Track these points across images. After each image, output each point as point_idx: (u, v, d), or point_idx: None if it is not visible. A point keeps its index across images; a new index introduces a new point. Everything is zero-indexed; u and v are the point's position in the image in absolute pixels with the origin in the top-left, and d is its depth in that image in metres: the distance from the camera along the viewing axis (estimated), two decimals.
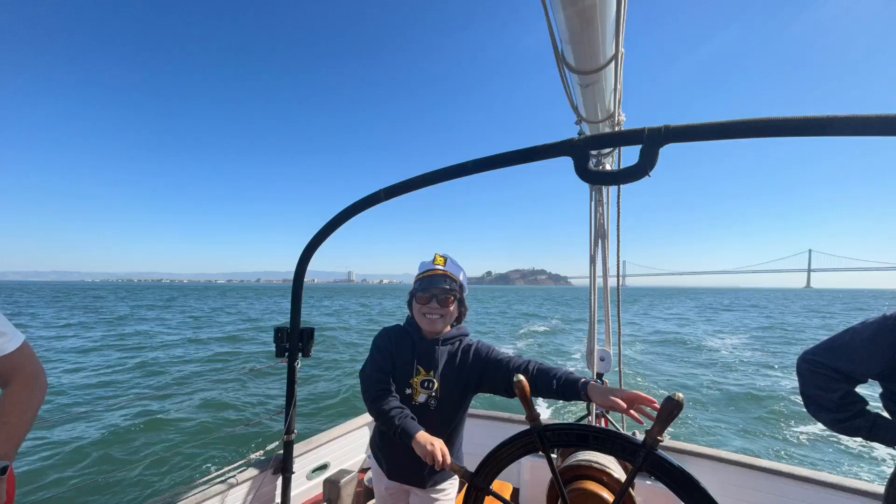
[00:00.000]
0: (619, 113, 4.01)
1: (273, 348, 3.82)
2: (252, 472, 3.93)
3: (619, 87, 3.72)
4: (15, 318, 42.25)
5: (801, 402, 2.66)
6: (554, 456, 3.76)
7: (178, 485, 8.86)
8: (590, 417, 4.77)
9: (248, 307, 73.26)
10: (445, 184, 2.97)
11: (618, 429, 4.54)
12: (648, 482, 3.95)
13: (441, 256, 3.11)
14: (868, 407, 2.58)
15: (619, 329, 5.14)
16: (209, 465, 9.54)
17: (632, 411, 2.24)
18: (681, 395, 1.81)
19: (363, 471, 5.37)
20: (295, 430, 3.91)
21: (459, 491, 4.03)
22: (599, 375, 5.23)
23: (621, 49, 3.30)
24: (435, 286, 3.01)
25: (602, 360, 5.24)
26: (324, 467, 4.97)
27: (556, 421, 2.67)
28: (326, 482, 4.70)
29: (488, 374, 2.96)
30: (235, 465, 4.02)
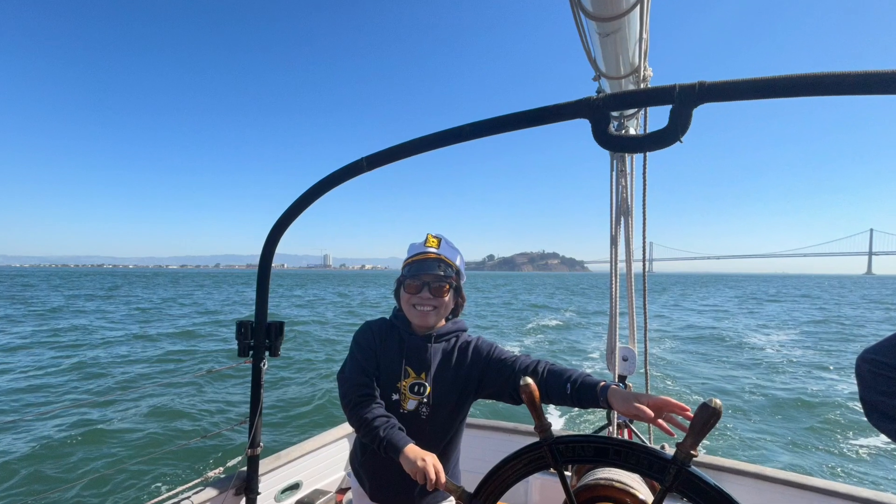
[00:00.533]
0: (644, 67, 3.99)
1: (235, 346, 3.82)
2: (210, 492, 3.94)
3: (645, 36, 3.70)
4: None
5: (861, 410, 2.68)
6: (568, 474, 3.78)
7: None
8: (610, 428, 4.79)
9: (206, 297, 73.29)
10: (440, 153, 2.96)
11: (643, 441, 4.56)
12: None
13: (434, 237, 3.09)
14: None
15: (646, 323, 5.14)
16: (159, 484, 9.58)
17: (660, 421, 2.22)
18: (718, 401, 1.80)
19: (341, 491, 5.39)
20: (261, 444, 3.92)
21: None
22: (622, 378, 5.26)
23: None
24: (427, 272, 3.00)
25: (625, 360, 5.26)
26: (295, 487, 4.98)
27: (571, 432, 2.67)
28: None
29: (490, 376, 2.96)
30: (190, 484, 4.02)
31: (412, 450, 2.64)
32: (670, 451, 1.96)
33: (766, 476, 4.20)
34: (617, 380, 5.17)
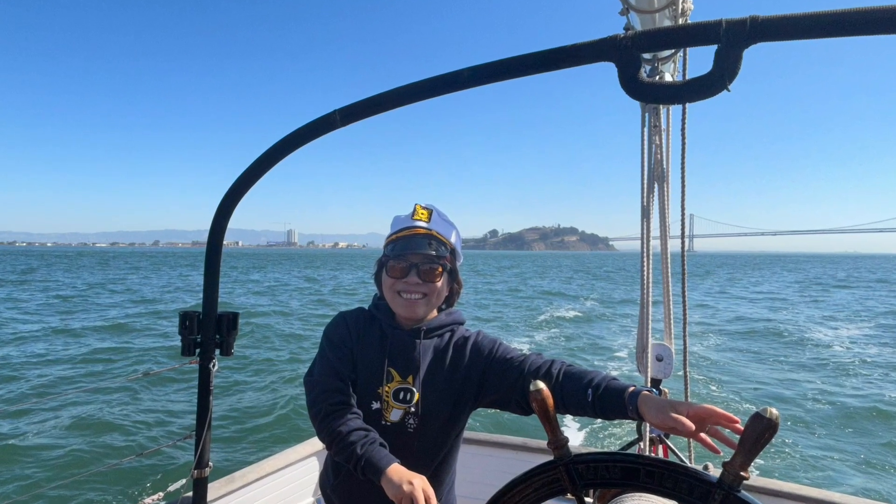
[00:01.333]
0: None
1: (178, 342, 3.81)
2: None
3: None
4: None
5: None
6: (589, 500, 3.80)
7: None
8: (641, 444, 4.82)
9: (142, 282, 73.26)
10: (431, 104, 2.94)
11: (682, 460, 4.59)
12: None
13: (424, 208, 3.08)
14: None
15: (685, 315, 5.15)
16: None
17: (703, 435, 2.21)
18: (774, 410, 1.80)
19: None
20: (210, 463, 3.93)
21: None
22: (656, 382, 5.28)
23: None
24: (414, 251, 2.98)
25: (659, 359, 5.28)
26: None
27: (593, 448, 2.69)
28: None
29: (493, 379, 2.96)
30: None
31: (397, 471, 2.64)
32: (716, 472, 1.97)
33: (834, 503, 4.23)
34: (650, 384, 5.19)
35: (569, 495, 2.14)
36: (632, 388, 2.50)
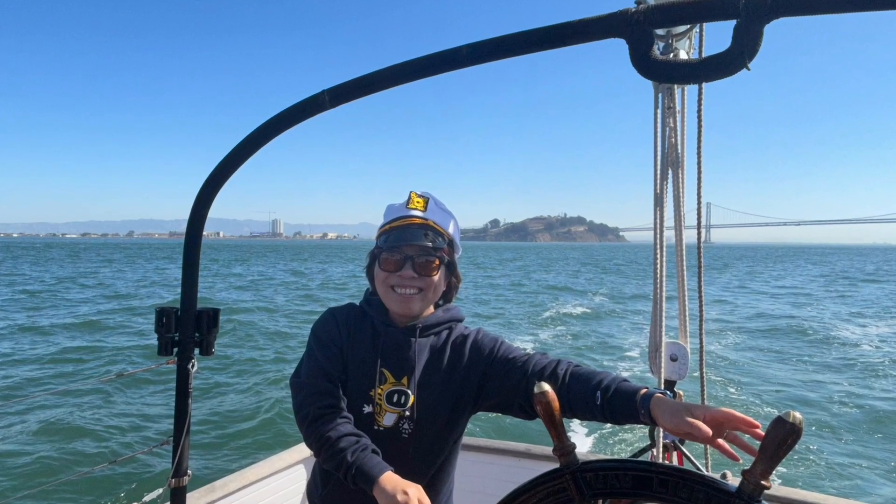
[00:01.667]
0: None
1: (154, 341, 3.81)
2: None
3: None
4: None
5: None
6: None
7: None
8: (654, 450, 4.82)
9: (116, 276, 73.25)
10: (427, 85, 2.94)
11: (698, 468, 4.60)
12: None
13: (420, 196, 3.08)
14: None
15: (702, 311, 5.15)
16: None
17: (720, 441, 2.21)
18: (798, 414, 1.80)
19: None
20: (189, 471, 3.93)
21: None
22: (670, 384, 5.27)
23: None
24: (410, 242, 2.98)
25: (674, 359, 5.28)
26: None
27: (602, 456, 2.70)
28: None
29: (494, 381, 2.96)
30: None
31: (390, 479, 2.64)
32: (734, 480, 1.98)
33: None
34: (663, 386, 5.19)
35: None
36: (644, 391, 2.49)
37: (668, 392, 2.54)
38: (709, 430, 2.12)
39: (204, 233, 3.61)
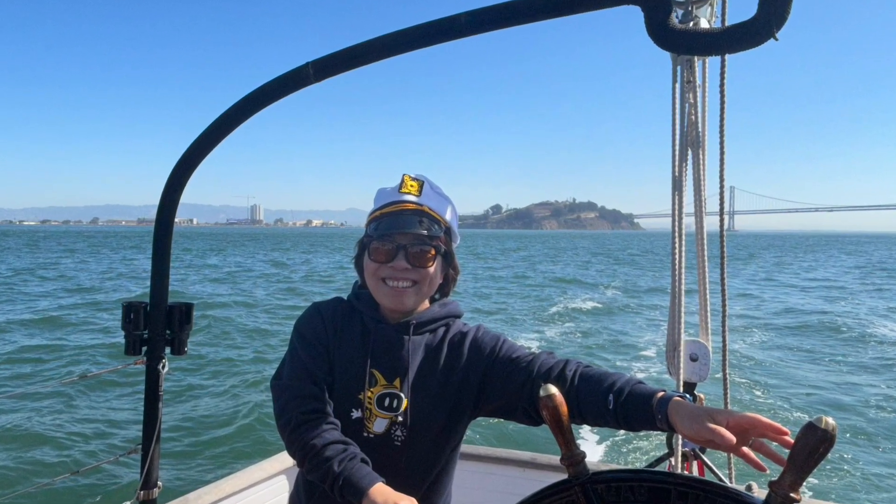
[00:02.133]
0: None
1: (121, 339, 3.81)
2: None
3: None
4: None
5: None
6: None
7: None
8: (672, 459, 4.83)
9: (79, 267, 73.20)
10: (421, 57, 2.93)
11: (721, 479, 4.61)
12: None
13: (413, 179, 3.06)
14: None
15: (724, 306, 5.14)
16: None
17: (745, 449, 2.19)
18: (831, 420, 1.80)
19: None
20: (160, 482, 3.94)
21: None
22: (689, 387, 5.28)
23: None
24: (402, 230, 2.96)
25: (694, 359, 5.28)
26: None
27: (615, 465, 2.70)
28: None
29: (496, 383, 2.96)
30: None
31: (381, 492, 2.63)
32: (761, 493, 1.98)
33: None
34: (682, 389, 5.19)
35: None
36: (661, 394, 2.48)
37: (688, 395, 2.53)
38: (732, 438, 2.10)
39: (176, 220, 3.60)
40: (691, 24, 4.62)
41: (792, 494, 1.82)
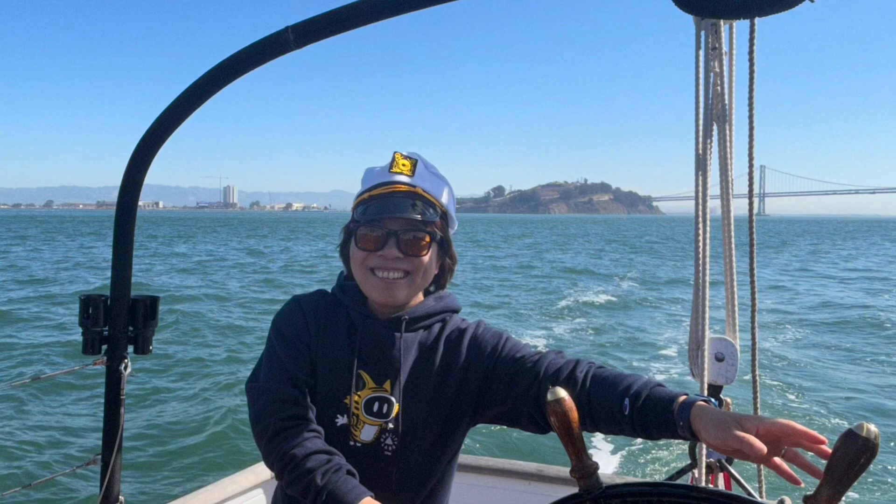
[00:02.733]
0: None
1: (78, 336, 3.82)
2: None
3: None
4: None
5: None
6: None
7: None
8: (696, 471, 4.83)
9: (31, 256, 73.15)
10: (417, 21, 2.93)
11: (750, 493, 4.62)
12: None
13: (406, 157, 3.05)
14: None
15: (754, 300, 5.13)
16: None
17: (777, 459, 2.19)
18: (873, 427, 1.80)
19: None
20: (121, 497, 3.94)
21: None
22: (715, 390, 5.28)
23: None
24: (393, 214, 2.94)
25: (720, 359, 5.28)
26: None
27: (630, 478, 2.71)
28: None
29: (498, 386, 2.95)
30: None
31: None
32: None
33: None
34: (707, 392, 5.19)
35: None
36: (683, 398, 2.46)
37: (713, 399, 2.52)
38: (763, 447, 2.09)
39: (140, 203, 3.60)
40: None
41: None
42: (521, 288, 48.02)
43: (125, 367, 3.76)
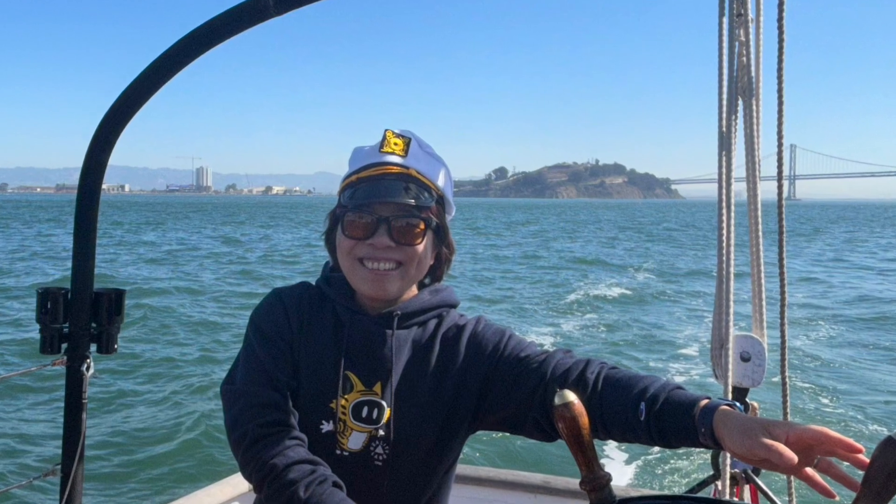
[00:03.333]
0: None
1: (35, 334, 3.81)
2: None
3: None
4: None
5: None
6: None
7: None
8: (719, 483, 4.84)
9: None
10: None
11: None
12: None
13: (399, 136, 3.02)
14: None
15: (784, 293, 5.12)
16: None
17: (809, 470, 2.18)
18: None
19: None
20: None
21: None
22: (740, 393, 5.28)
23: None
24: (384, 199, 2.91)
25: (746, 359, 5.28)
26: None
27: (647, 491, 2.72)
28: None
29: (500, 388, 2.94)
30: None
31: None
32: None
33: None
34: (731, 396, 5.20)
35: None
36: (705, 402, 2.44)
37: (738, 403, 2.51)
38: (793, 456, 2.07)
39: (104, 186, 3.59)
40: None
41: None
42: (525, 280, 48.07)
43: (87, 368, 3.76)
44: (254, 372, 2.92)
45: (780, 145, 4.86)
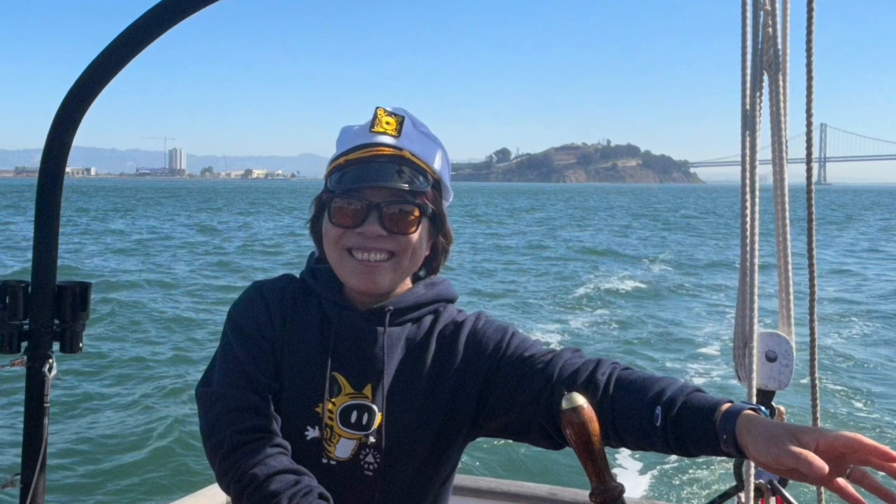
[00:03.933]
0: None
1: None
2: None
3: None
4: None
5: None
6: None
7: None
8: (742, 495, 4.85)
9: None
10: None
11: None
12: None
13: (391, 114, 2.99)
14: None
15: (813, 287, 5.12)
16: None
17: (841, 480, 2.16)
18: None
19: None
20: None
21: None
22: (766, 396, 5.28)
23: None
24: (375, 183, 2.88)
25: (772, 359, 5.27)
26: None
27: (663, 503, 2.73)
28: None
29: (502, 391, 2.94)
30: None
31: None
32: None
33: None
34: (756, 399, 5.19)
35: None
36: (727, 406, 2.41)
37: (763, 408, 2.50)
38: (824, 465, 2.04)
39: (68, 169, 3.59)
40: None
41: None
42: (530, 272, 48.09)
43: (50, 369, 3.75)
44: (232, 373, 2.90)
45: (809, 124, 4.85)
